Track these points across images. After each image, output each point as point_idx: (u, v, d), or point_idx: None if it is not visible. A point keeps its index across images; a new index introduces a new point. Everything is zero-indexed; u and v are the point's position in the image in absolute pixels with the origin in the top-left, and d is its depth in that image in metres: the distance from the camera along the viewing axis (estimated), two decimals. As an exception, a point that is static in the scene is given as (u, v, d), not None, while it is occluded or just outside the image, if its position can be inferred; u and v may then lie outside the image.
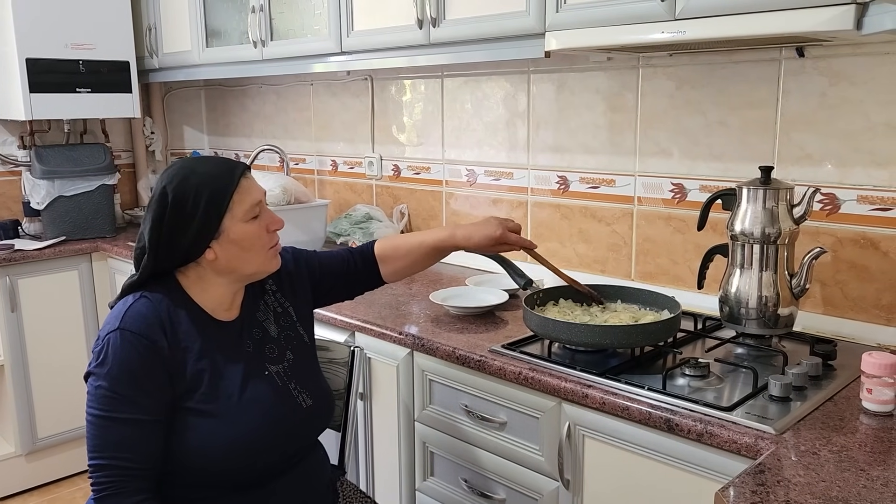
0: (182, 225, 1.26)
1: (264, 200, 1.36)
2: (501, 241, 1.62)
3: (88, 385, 1.25)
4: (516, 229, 1.65)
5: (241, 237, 1.30)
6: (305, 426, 1.42)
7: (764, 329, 1.58)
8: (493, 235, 1.61)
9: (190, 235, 1.26)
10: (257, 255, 1.33)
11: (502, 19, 1.85)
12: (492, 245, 1.62)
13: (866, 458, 1.15)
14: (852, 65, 1.63)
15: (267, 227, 1.34)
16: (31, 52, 2.83)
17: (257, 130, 3.38)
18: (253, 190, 1.32)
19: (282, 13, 2.54)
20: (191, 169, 1.29)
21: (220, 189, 1.27)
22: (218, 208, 1.27)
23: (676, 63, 1.92)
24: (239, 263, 1.32)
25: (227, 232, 1.28)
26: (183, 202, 1.25)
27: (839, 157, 1.68)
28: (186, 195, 1.26)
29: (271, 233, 1.35)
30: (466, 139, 2.47)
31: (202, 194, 1.26)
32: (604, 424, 1.42)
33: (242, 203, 1.30)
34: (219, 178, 1.28)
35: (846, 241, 1.69)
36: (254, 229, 1.31)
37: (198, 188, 1.26)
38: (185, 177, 1.27)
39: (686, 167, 1.94)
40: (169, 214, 1.26)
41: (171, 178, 1.28)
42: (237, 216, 1.29)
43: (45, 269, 2.86)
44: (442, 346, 1.69)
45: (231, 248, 1.29)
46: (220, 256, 1.29)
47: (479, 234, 1.61)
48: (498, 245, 1.63)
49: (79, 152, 3.09)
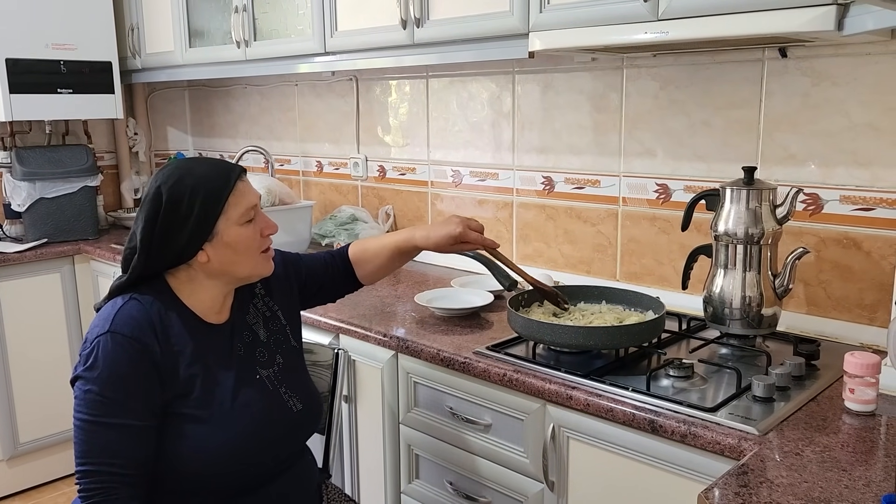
0: (176, 226, 1.25)
1: (259, 204, 1.35)
2: (461, 239, 1.59)
3: (76, 389, 1.23)
4: (478, 228, 1.62)
5: (235, 240, 1.29)
6: (296, 430, 1.42)
7: (748, 329, 1.59)
8: (453, 234, 1.58)
9: (183, 237, 1.25)
10: (250, 258, 1.32)
11: (486, 20, 1.84)
12: (452, 244, 1.60)
13: (848, 459, 1.15)
14: (834, 65, 1.64)
15: (261, 231, 1.34)
16: (11, 52, 2.79)
17: (242, 131, 3.36)
18: (248, 193, 1.32)
19: (265, 13, 2.52)
20: (186, 169, 1.28)
21: (216, 191, 1.26)
22: (213, 210, 1.26)
23: (660, 63, 1.92)
24: (231, 266, 1.31)
25: (221, 234, 1.27)
26: (177, 203, 1.24)
27: (822, 158, 1.68)
28: (181, 196, 1.24)
29: (265, 237, 1.35)
30: (452, 140, 2.47)
31: (197, 195, 1.25)
32: (588, 426, 1.42)
33: (237, 206, 1.29)
34: (214, 180, 1.27)
35: (829, 241, 1.70)
36: (248, 233, 1.30)
37: (193, 189, 1.25)
38: (181, 177, 1.26)
39: (670, 168, 1.94)
40: (163, 215, 1.24)
41: (167, 178, 1.26)
42: (232, 219, 1.28)
43: (26, 271, 2.82)
44: (427, 348, 1.68)
45: (224, 251, 1.28)
46: (212, 259, 1.28)
47: (437, 233, 1.59)
48: (458, 244, 1.60)
49: (60, 154, 3.05)
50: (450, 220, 1.61)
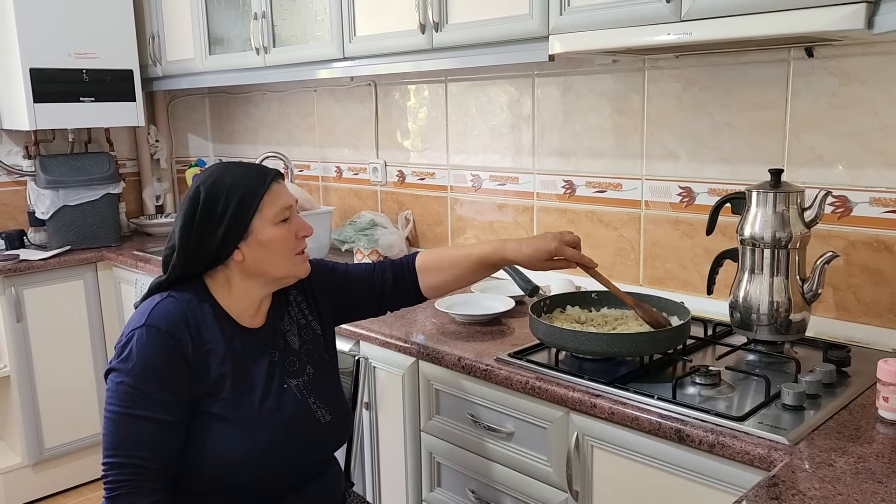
0: (212, 223, 1.28)
1: (295, 206, 1.37)
2: (556, 254, 1.49)
3: (109, 381, 1.25)
4: (574, 243, 1.52)
5: (270, 239, 1.31)
6: (323, 441, 1.41)
7: (776, 335, 1.55)
8: (548, 248, 1.48)
9: (219, 234, 1.28)
10: (285, 258, 1.34)
11: (505, 23, 1.83)
12: (545, 259, 1.49)
13: (884, 470, 1.11)
14: (863, 64, 1.60)
15: (296, 232, 1.35)
16: (35, 62, 2.82)
17: (262, 137, 3.37)
18: (283, 194, 1.34)
19: (284, 20, 2.53)
20: (226, 170, 1.32)
21: (252, 190, 1.30)
22: (248, 208, 1.29)
23: (683, 65, 1.89)
24: (266, 266, 1.32)
25: (256, 233, 1.30)
26: (214, 201, 1.28)
27: (850, 159, 1.64)
28: (218, 194, 1.28)
29: (300, 238, 1.36)
30: (471, 144, 2.45)
31: (234, 194, 1.28)
32: (613, 435, 1.39)
33: (272, 205, 1.31)
34: (251, 180, 1.31)
35: (859, 245, 1.66)
36: (282, 232, 1.32)
37: (230, 188, 1.28)
38: (220, 177, 1.30)
39: (694, 170, 1.91)
40: (200, 212, 1.28)
41: (206, 178, 1.31)
42: (266, 218, 1.30)
43: (50, 279, 2.85)
44: (447, 355, 1.67)
45: (259, 250, 1.30)
46: (247, 258, 1.30)
47: (530, 246, 1.49)
48: (552, 260, 1.50)
49: (83, 161, 3.08)
50: (544, 236, 1.51)
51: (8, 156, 3.14)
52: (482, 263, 1.54)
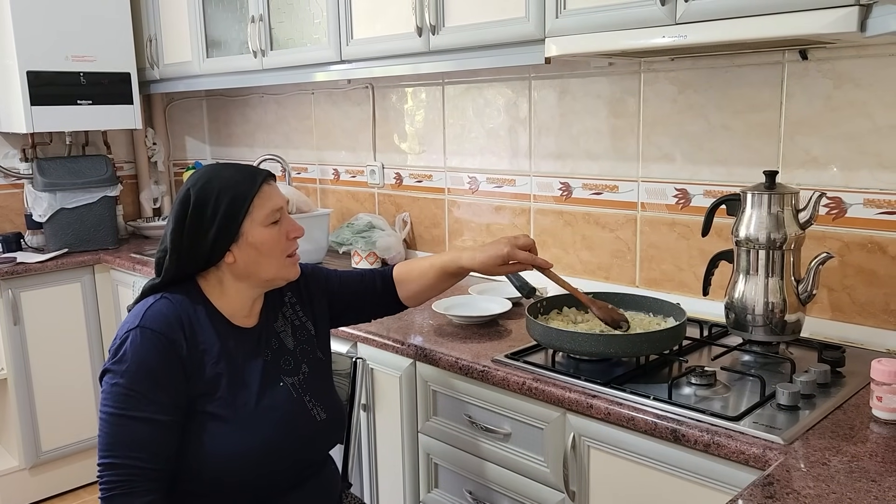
0: (203, 226, 1.28)
1: (286, 208, 1.37)
2: (509, 258, 1.52)
3: (104, 383, 1.26)
4: (528, 246, 1.54)
5: (260, 241, 1.31)
6: (319, 439, 1.42)
7: (771, 336, 1.56)
8: (500, 254, 1.51)
9: (210, 237, 1.28)
10: (275, 260, 1.34)
11: (502, 26, 1.84)
12: (500, 264, 1.53)
13: (878, 469, 1.12)
14: (857, 67, 1.61)
15: (287, 233, 1.36)
16: (32, 64, 2.83)
17: (259, 140, 3.37)
18: (274, 196, 1.34)
19: (281, 23, 2.53)
20: (215, 173, 1.33)
21: (242, 192, 1.30)
22: (238, 211, 1.29)
23: (678, 67, 1.90)
24: (257, 268, 1.33)
25: (247, 235, 1.30)
26: (204, 203, 1.28)
27: (845, 161, 1.66)
28: (208, 197, 1.28)
29: (291, 240, 1.37)
30: (468, 146, 2.46)
31: (224, 197, 1.29)
32: (609, 435, 1.40)
33: (263, 207, 1.32)
34: (241, 183, 1.31)
35: (853, 246, 1.67)
36: (273, 234, 1.33)
37: (220, 190, 1.29)
38: (209, 179, 1.31)
39: (689, 172, 1.92)
40: (191, 215, 1.28)
41: (196, 181, 1.31)
42: (257, 220, 1.31)
43: (47, 281, 2.85)
44: (445, 356, 1.67)
45: (250, 252, 1.31)
46: (238, 260, 1.31)
47: (484, 253, 1.53)
48: (507, 265, 1.54)
49: (80, 164, 3.08)
50: (497, 241, 1.55)
51: (5, 158, 3.14)
52: (443, 272, 1.58)
